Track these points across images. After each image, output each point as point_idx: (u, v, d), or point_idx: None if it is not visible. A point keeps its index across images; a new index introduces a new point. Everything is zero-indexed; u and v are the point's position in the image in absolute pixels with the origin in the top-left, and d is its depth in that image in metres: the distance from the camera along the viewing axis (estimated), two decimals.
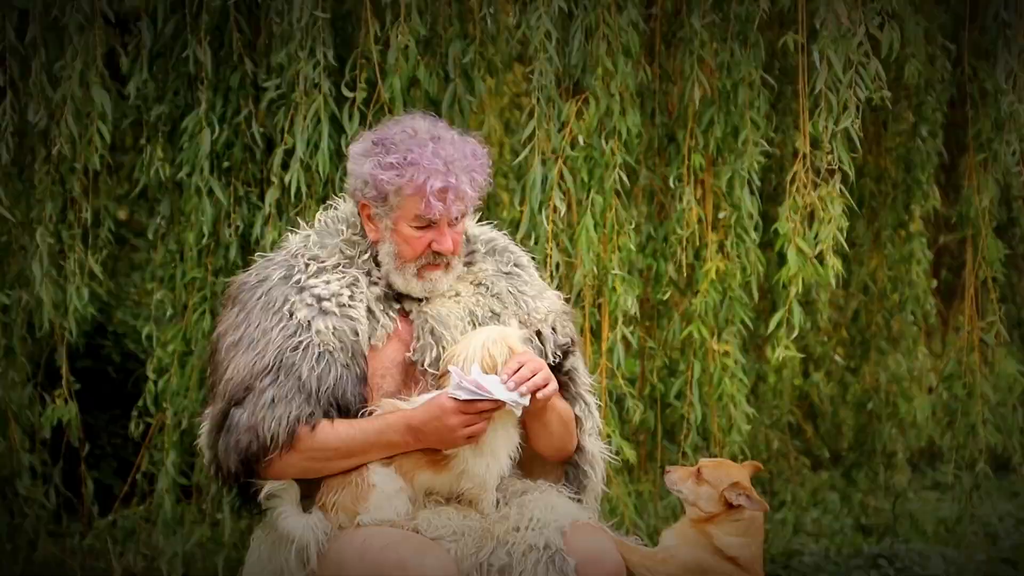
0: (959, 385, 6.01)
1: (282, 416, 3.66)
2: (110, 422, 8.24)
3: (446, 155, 3.77)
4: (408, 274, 3.83)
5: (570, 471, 4.01)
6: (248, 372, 3.70)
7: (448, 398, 3.63)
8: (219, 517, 6.02)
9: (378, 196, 3.80)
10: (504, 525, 3.72)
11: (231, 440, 3.69)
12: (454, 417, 3.62)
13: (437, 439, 3.67)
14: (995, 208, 6.02)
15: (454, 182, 3.75)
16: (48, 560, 6.38)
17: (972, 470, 6.04)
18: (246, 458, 3.69)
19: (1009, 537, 8.37)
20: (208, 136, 5.53)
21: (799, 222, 5.22)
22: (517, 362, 3.68)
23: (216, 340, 3.84)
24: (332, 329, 3.74)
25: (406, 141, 3.79)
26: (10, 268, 5.92)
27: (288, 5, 5.30)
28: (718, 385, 5.61)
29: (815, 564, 7.68)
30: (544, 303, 4.00)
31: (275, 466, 3.71)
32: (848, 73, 5.01)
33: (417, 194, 3.75)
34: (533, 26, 5.31)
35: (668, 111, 5.99)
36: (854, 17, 4.98)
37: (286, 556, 3.75)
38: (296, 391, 3.68)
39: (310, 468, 3.73)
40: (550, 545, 3.62)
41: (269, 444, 3.66)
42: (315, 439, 3.69)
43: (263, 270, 3.86)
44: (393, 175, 3.76)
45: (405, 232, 3.81)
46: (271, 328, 3.73)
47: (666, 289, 5.77)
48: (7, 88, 5.38)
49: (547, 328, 3.97)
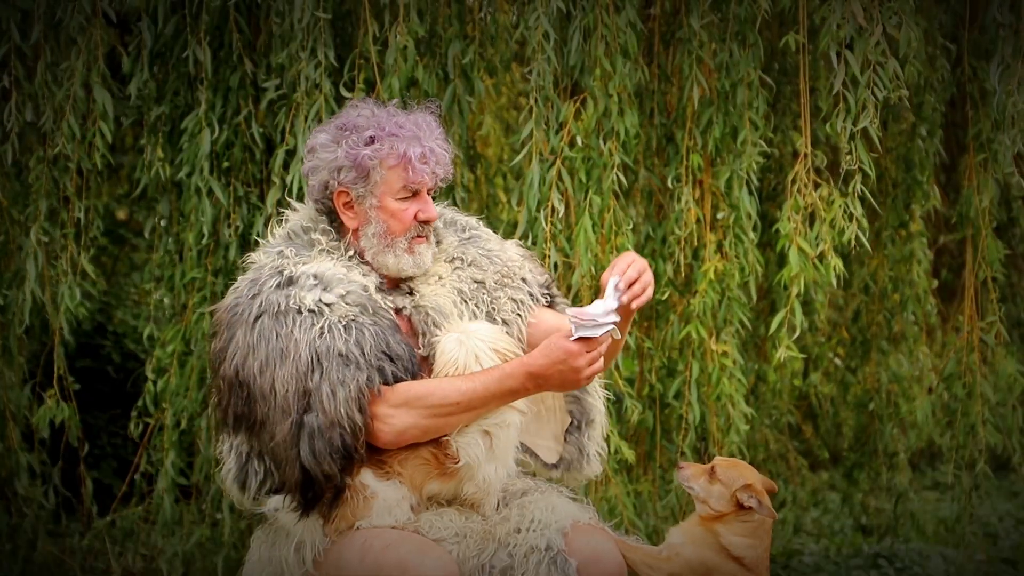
0: (959, 385, 6.01)
1: (347, 399, 3.61)
2: (110, 422, 8.25)
3: (415, 124, 3.80)
4: (399, 250, 3.82)
5: (575, 409, 4.06)
6: (297, 378, 3.64)
7: (571, 341, 3.62)
8: (218, 517, 6.02)
9: (359, 176, 3.78)
10: (505, 527, 3.71)
11: (320, 445, 3.61)
12: (581, 358, 3.62)
13: (560, 382, 3.66)
14: (995, 208, 6.02)
15: (432, 147, 3.78)
16: (47, 560, 6.39)
17: (972, 470, 6.04)
18: (345, 453, 3.62)
19: (1009, 537, 8.38)
20: (208, 136, 5.53)
21: (800, 222, 5.22)
22: (626, 262, 3.72)
23: (235, 371, 3.72)
24: (343, 295, 3.72)
25: (372, 119, 3.81)
26: (7, 267, 5.93)
27: (289, 6, 5.30)
28: (716, 385, 5.61)
29: (815, 564, 7.69)
30: (512, 252, 4.04)
31: (386, 433, 3.66)
32: (866, 73, 5.00)
33: (400, 164, 3.76)
34: (531, 26, 5.31)
35: (667, 111, 5.99)
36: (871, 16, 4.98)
37: (286, 557, 3.75)
38: (343, 368, 3.63)
39: (433, 425, 3.68)
40: (551, 546, 3.62)
41: (353, 429, 3.62)
42: (407, 392, 3.66)
43: (251, 288, 3.79)
44: (373, 150, 3.76)
45: (391, 206, 3.80)
46: (291, 330, 3.68)
47: (664, 289, 5.77)
48: (12, 89, 5.38)
49: (527, 273, 4.01)
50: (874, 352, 7.19)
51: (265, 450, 3.72)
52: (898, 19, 5.03)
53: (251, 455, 3.77)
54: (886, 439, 7.25)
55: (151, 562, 6.41)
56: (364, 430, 3.63)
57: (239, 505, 3.87)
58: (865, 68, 4.96)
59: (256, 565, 3.87)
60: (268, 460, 3.74)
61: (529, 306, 3.97)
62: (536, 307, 3.99)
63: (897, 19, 5.03)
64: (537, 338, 3.86)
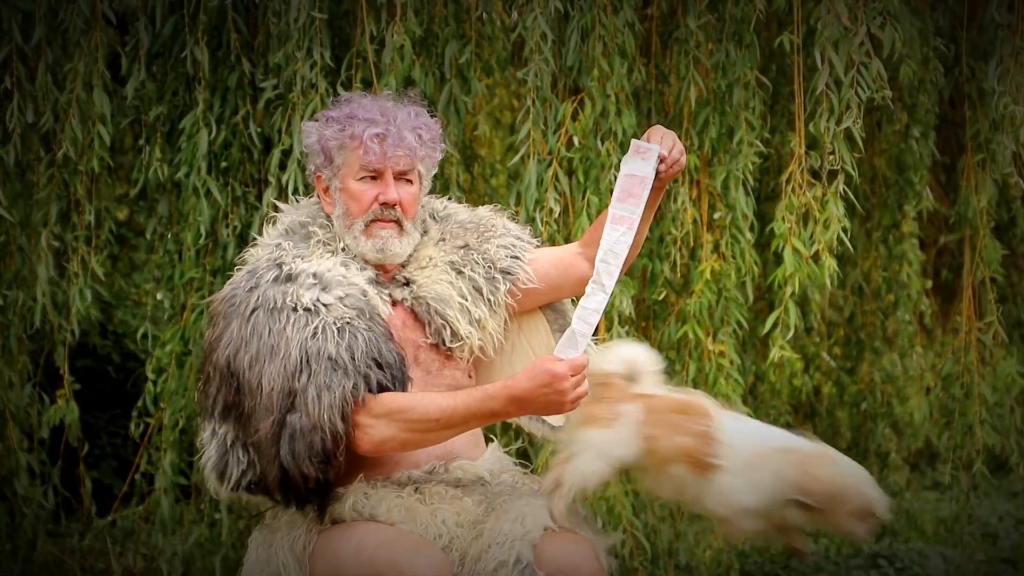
0: (957, 386, 6.02)
1: (331, 405, 3.59)
2: (110, 422, 8.26)
3: (383, 108, 3.83)
4: (356, 231, 3.82)
5: None
6: (284, 377, 3.63)
7: (555, 360, 3.58)
8: (216, 517, 6.02)
9: (326, 159, 3.83)
10: (478, 544, 3.66)
11: (300, 447, 3.60)
12: (566, 382, 3.55)
13: (544, 405, 3.60)
14: (993, 208, 6.02)
15: (393, 130, 3.78)
16: (47, 560, 6.38)
17: (969, 470, 6.04)
18: (324, 457, 3.61)
19: (1009, 537, 8.37)
20: (206, 136, 5.53)
21: (795, 222, 5.22)
22: (659, 133, 3.76)
23: (227, 362, 3.73)
24: (341, 297, 3.72)
25: (347, 107, 3.86)
26: (8, 268, 5.93)
27: (285, 5, 5.31)
28: (713, 385, 5.61)
29: (815, 564, 7.68)
30: (483, 211, 4.08)
31: (365, 443, 3.64)
32: (849, 73, 5.01)
33: (357, 144, 3.78)
34: (529, 27, 5.31)
35: (664, 112, 5.99)
36: (855, 17, 4.99)
37: (284, 558, 3.74)
38: (331, 372, 3.62)
39: (411, 440, 3.66)
40: (520, 559, 3.56)
41: (334, 436, 3.60)
42: (390, 403, 3.64)
43: (248, 280, 3.80)
44: (334, 131, 3.81)
45: (351, 187, 3.81)
46: (284, 327, 3.67)
47: (661, 290, 5.77)
48: (14, 90, 5.40)
49: (504, 221, 4.04)
50: (868, 352, 7.19)
51: (250, 442, 3.72)
52: (882, 19, 5.04)
53: (235, 444, 3.77)
54: (879, 439, 7.26)
55: (151, 562, 6.42)
56: (344, 438, 3.62)
57: (216, 495, 3.85)
58: (849, 68, 4.97)
59: (255, 566, 3.85)
60: (252, 451, 3.74)
61: (522, 247, 3.98)
62: (530, 247, 4.00)
63: (881, 19, 5.03)
64: (552, 275, 3.92)
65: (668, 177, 3.86)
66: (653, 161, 3.73)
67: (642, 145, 3.74)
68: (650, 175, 3.73)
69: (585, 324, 3.63)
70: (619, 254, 3.69)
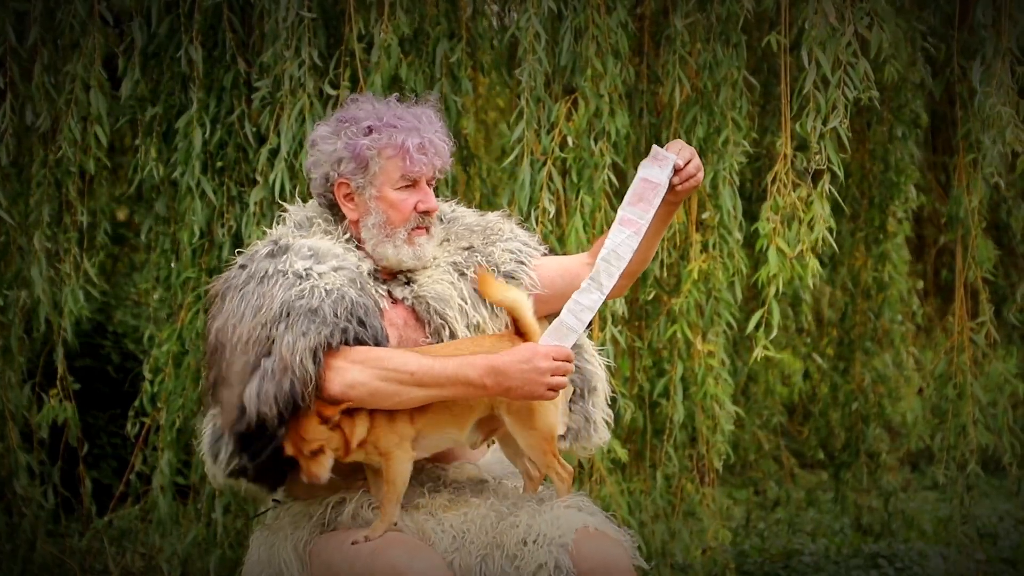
0: (950, 386, 6.01)
1: (305, 348, 3.58)
2: (109, 422, 8.29)
3: (414, 116, 3.82)
4: (398, 240, 3.81)
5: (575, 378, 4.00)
6: (263, 326, 3.63)
7: (541, 342, 3.64)
8: (213, 517, 6.03)
9: (358, 167, 3.79)
10: (513, 535, 3.65)
11: (268, 387, 3.58)
12: (545, 361, 3.59)
13: (520, 382, 3.61)
14: (985, 208, 6.01)
15: (429, 137, 3.79)
16: (47, 560, 6.38)
17: (963, 471, 6.03)
18: (291, 399, 3.58)
19: (1008, 537, 8.37)
20: (201, 136, 5.54)
21: (780, 222, 5.22)
22: (678, 146, 3.76)
23: (216, 333, 3.74)
24: (336, 268, 3.72)
25: (372, 111, 3.83)
26: (7, 269, 5.95)
27: (275, 5, 5.32)
28: (702, 385, 5.62)
29: (814, 564, 7.69)
30: (492, 216, 4.05)
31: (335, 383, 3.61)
32: (837, 73, 5.01)
33: (398, 154, 3.77)
34: (523, 27, 5.32)
35: (656, 111, 6.00)
36: (843, 17, 4.99)
37: (285, 559, 3.75)
38: (310, 322, 3.61)
39: (382, 389, 3.62)
40: (560, 566, 3.55)
41: (304, 378, 3.58)
42: (367, 352, 3.63)
43: (244, 260, 3.81)
44: (372, 140, 3.77)
45: (391, 196, 3.81)
46: (272, 288, 3.68)
47: (650, 289, 5.77)
48: (7, 90, 5.42)
49: (512, 226, 4.02)
50: (859, 353, 7.19)
51: (221, 387, 3.71)
52: (870, 20, 5.04)
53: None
54: (869, 440, 7.26)
55: (150, 561, 6.42)
56: (314, 380, 3.59)
57: (212, 479, 3.85)
58: (836, 68, 4.97)
59: (255, 566, 3.86)
60: (222, 402, 3.73)
61: (528, 253, 3.97)
62: (536, 254, 3.98)
63: (869, 20, 5.04)
64: (557, 283, 3.89)
65: (683, 192, 3.83)
66: (668, 170, 3.74)
67: (660, 152, 3.76)
68: (664, 183, 3.74)
69: (575, 319, 3.67)
70: (622, 256, 3.71)
